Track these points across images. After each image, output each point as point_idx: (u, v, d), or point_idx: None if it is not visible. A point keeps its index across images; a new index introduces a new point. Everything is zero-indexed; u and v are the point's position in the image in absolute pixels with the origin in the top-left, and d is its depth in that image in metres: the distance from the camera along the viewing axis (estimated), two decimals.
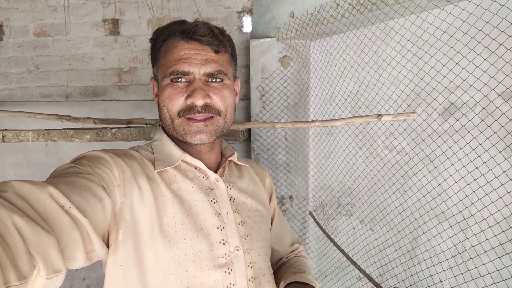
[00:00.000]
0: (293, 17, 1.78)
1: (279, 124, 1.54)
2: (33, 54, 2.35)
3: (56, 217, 0.47)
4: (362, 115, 1.48)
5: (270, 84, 1.92)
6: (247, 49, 2.04)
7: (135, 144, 0.79)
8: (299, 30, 1.74)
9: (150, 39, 0.75)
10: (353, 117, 1.41)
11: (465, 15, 1.12)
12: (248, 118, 2.05)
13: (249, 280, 0.67)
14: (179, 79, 0.69)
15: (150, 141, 0.78)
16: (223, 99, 0.70)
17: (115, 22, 2.24)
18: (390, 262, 1.66)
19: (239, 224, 0.71)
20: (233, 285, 0.65)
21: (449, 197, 1.33)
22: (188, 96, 0.68)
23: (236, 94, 0.79)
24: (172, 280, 0.61)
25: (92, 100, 2.30)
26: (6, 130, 1.52)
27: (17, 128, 1.60)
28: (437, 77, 1.30)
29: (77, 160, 0.62)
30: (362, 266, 1.70)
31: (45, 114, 1.97)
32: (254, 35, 2.02)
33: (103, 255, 0.58)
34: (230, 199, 0.73)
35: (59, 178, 0.54)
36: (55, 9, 2.29)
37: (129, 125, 1.71)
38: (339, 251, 1.80)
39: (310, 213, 2.02)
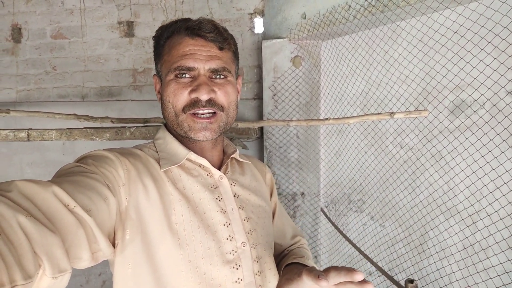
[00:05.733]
0: (305, 18, 1.83)
1: (293, 122, 1.59)
2: (50, 56, 2.42)
3: (60, 216, 0.47)
4: (374, 112, 1.52)
5: (282, 83, 1.97)
6: (259, 49, 2.10)
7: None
8: (310, 31, 1.79)
9: (153, 37, 0.75)
10: (366, 114, 1.46)
11: (475, 16, 1.17)
12: (260, 117, 2.10)
13: (256, 274, 0.69)
14: (184, 75, 0.69)
15: (153, 139, 0.78)
16: (226, 95, 0.70)
17: (130, 24, 2.31)
18: (399, 257, 1.70)
19: (244, 220, 0.72)
20: (241, 280, 0.66)
21: (461, 191, 1.37)
22: (192, 91, 0.67)
23: (238, 92, 0.79)
24: (183, 277, 0.62)
25: (108, 100, 2.37)
26: (31, 129, 1.58)
27: (41, 127, 1.66)
28: (447, 76, 1.35)
29: (82, 160, 0.62)
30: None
31: (64, 114, 2.03)
32: (266, 36, 2.07)
33: (109, 255, 0.58)
34: (235, 196, 0.73)
35: (64, 177, 0.54)
36: (72, 12, 2.36)
37: (146, 124, 1.77)
38: (350, 247, 1.85)
39: (322, 210, 2.07)
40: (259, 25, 2.14)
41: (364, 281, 0.51)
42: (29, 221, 0.42)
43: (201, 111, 0.68)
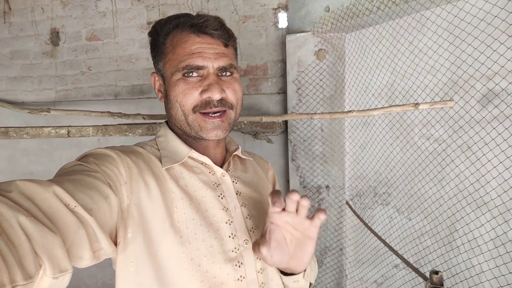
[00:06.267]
0: (328, 11, 1.83)
1: (316, 115, 1.61)
2: (86, 57, 2.57)
3: (61, 216, 0.47)
4: (399, 104, 1.52)
5: (306, 77, 1.99)
6: (282, 44, 2.12)
7: None
8: (334, 23, 1.80)
9: (149, 33, 0.73)
10: (390, 106, 1.46)
11: (502, 2, 1.14)
12: (284, 111, 2.13)
13: (258, 272, 0.68)
14: (192, 74, 0.67)
15: (154, 137, 0.77)
16: (235, 93, 0.70)
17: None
18: (424, 249, 1.68)
19: (247, 217, 0.71)
20: (243, 277, 0.65)
21: (487, 182, 1.34)
22: (203, 91, 0.66)
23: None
24: (185, 275, 0.62)
25: (139, 98, 2.48)
26: (70, 126, 1.70)
27: (79, 125, 1.78)
28: (475, 65, 1.32)
29: (83, 158, 0.62)
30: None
31: (99, 112, 2.16)
32: (289, 31, 2.09)
33: (111, 253, 0.59)
34: (237, 193, 0.73)
35: (65, 176, 0.55)
36: (105, 15, 2.49)
37: None
38: (375, 239, 1.85)
39: (347, 202, 2.07)
40: (283, 19, 2.16)
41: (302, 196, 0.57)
42: (29, 221, 0.42)
43: (212, 111, 0.67)
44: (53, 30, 2.62)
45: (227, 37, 0.69)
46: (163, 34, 0.70)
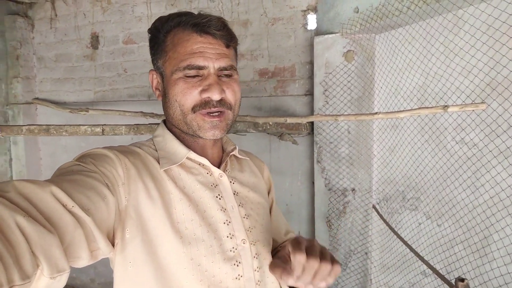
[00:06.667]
0: (357, 12, 1.82)
1: (341, 117, 1.60)
2: (122, 60, 2.70)
3: (58, 216, 0.47)
4: (428, 106, 1.48)
5: (334, 78, 1.98)
6: (311, 46, 2.13)
7: None
8: (363, 24, 1.78)
9: (149, 29, 0.73)
10: (418, 108, 1.43)
11: None
12: (311, 112, 2.13)
13: (255, 270, 0.69)
14: (192, 73, 0.67)
15: (151, 137, 0.77)
16: (234, 94, 0.70)
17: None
18: (458, 260, 1.62)
19: (244, 217, 0.72)
20: (241, 276, 0.67)
21: None
22: (204, 91, 0.66)
23: None
24: (185, 274, 0.62)
25: None
26: (105, 125, 1.80)
27: (113, 123, 1.89)
28: (510, 66, 1.26)
29: (81, 158, 0.62)
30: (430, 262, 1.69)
31: (133, 112, 2.27)
32: (318, 32, 2.09)
33: (108, 253, 0.59)
34: (234, 194, 0.73)
35: (62, 176, 0.55)
36: (140, 19, 2.61)
37: None
38: (402, 245, 1.80)
39: (374, 206, 2.04)
40: (312, 21, 2.16)
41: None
42: (27, 221, 0.42)
43: (211, 111, 0.67)
44: (93, 35, 2.78)
45: (229, 38, 0.70)
46: (164, 32, 0.70)
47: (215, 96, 0.66)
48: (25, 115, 2.95)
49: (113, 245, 0.61)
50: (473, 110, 1.34)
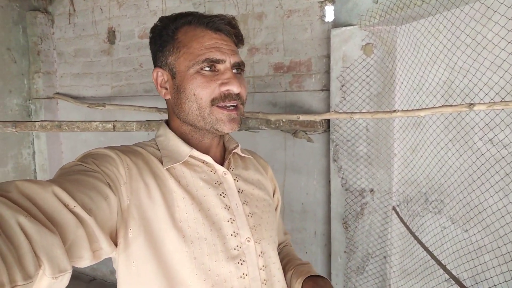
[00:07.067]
0: (376, 2, 1.70)
1: (357, 115, 1.51)
2: (138, 54, 2.69)
3: (61, 216, 0.48)
4: (452, 104, 1.36)
5: (351, 73, 1.87)
6: (328, 39, 2.02)
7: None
8: (383, 16, 1.66)
9: (153, 28, 0.74)
10: (441, 106, 1.31)
11: None
12: (327, 108, 2.04)
13: (260, 269, 0.69)
14: (210, 68, 0.67)
15: (154, 137, 0.77)
16: (245, 89, 0.72)
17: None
18: (488, 270, 1.50)
19: (248, 215, 0.72)
20: (246, 275, 0.66)
21: None
22: (223, 84, 0.67)
23: None
24: (189, 274, 0.62)
25: None
26: (116, 121, 1.79)
27: (124, 119, 1.87)
28: None
29: (83, 158, 0.63)
30: (452, 269, 1.58)
31: (147, 107, 2.25)
32: (336, 24, 1.98)
33: (111, 253, 0.59)
34: (239, 191, 0.73)
35: (64, 176, 0.55)
36: (155, 13, 2.58)
37: None
38: (424, 250, 1.70)
39: (394, 208, 1.93)
40: (329, 13, 2.06)
41: None
42: (29, 221, 0.42)
43: (231, 104, 0.68)
44: (110, 29, 2.78)
45: (240, 37, 0.73)
46: (173, 29, 0.70)
47: (236, 89, 0.67)
48: (46, 110, 3.02)
49: (116, 244, 0.61)
50: (502, 109, 1.22)
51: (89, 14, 2.85)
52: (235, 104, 0.69)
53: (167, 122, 0.78)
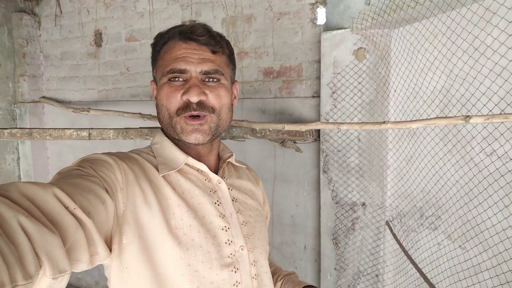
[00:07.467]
0: (368, 4, 1.59)
1: (344, 126, 1.40)
2: (125, 58, 2.60)
3: (61, 217, 0.48)
4: (448, 115, 1.25)
5: (343, 79, 1.76)
6: (319, 43, 1.91)
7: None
8: (375, 18, 1.55)
9: (151, 44, 0.77)
10: (435, 118, 1.20)
11: None
12: (318, 117, 1.93)
13: (253, 278, 0.70)
14: (176, 78, 0.69)
15: (149, 145, 0.79)
16: (218, 98, 0.71)
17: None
18: (478, 282, 1.38)
19: (242, 224, 0.73)
20: (239, 283, 0.67)
21: None
22: (183, 93, 0.68)
23: (235, 98, 0.80)
24: (182, 281, 0.63)
25: None
26: (92, 128, 1.69)
27: (106, 126, 1.77)
28: None
29: (80, 163, 0.63)
30: None
31: (131, 113, 2.15)
32: (327, 28, 1.87)
33: (105, 259, 0.58)
34: (233, 200, 0.74)
35: (63, 179, 0.55)
36: (142, 15, 2.48)
37: None
38: (422, 267, 1.58)
39: (387, 223, 1.81)
40: (321, 15, 1.95)
41: None
42: (29, 222, 0.42)
43: (191, 114, 0.68)
44: (96, 32, 2.69)
45: (214, 44, 0.71)
46: (160, 44, 0.73)
47: (193, 98, 0.67)
48: (31, 114, 2.93)
49: (110, 250, 0.61)
50: (502, 122, 1.10)
51: (76, 15, 2.76)
52: (199, 114, 0.68)
53: (163, 129, 0.79)
